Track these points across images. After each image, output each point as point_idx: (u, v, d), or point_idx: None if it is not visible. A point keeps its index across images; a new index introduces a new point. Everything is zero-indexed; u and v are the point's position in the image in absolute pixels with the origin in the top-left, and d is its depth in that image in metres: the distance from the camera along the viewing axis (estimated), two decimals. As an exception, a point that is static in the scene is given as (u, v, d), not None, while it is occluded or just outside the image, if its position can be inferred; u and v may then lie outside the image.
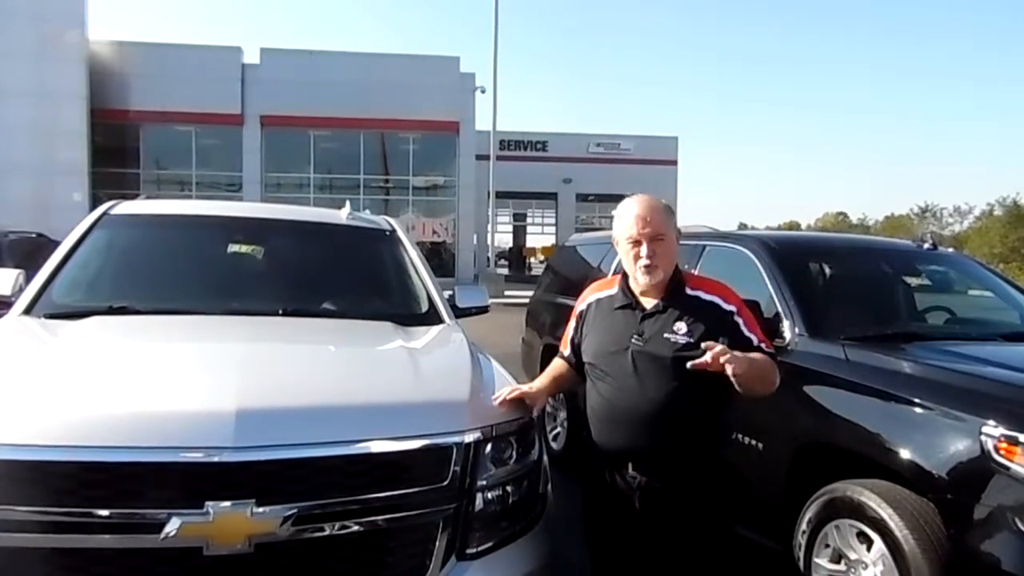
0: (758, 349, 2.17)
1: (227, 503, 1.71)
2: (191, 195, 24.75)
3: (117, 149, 25.30)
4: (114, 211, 3.54)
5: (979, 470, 2.41)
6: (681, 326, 2.14)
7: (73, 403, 1.86)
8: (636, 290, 2.25)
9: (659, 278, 2.18)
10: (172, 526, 1.68)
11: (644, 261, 2.16)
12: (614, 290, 2.33)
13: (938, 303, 4.21)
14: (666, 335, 2.14)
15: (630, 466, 2.17)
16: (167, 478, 1.74)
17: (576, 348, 2.40)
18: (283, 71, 24.91)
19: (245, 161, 25.80)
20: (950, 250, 4.81)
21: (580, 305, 2.44)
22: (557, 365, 2.48)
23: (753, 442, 3.29)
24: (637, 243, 2.17)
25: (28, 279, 3.10)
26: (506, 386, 2.28)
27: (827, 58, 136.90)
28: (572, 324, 2.44)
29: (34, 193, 21.68)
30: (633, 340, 2.17)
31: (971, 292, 4.42)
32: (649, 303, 2.22)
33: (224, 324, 2.86)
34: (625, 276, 2.29)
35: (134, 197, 4.01)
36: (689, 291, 2.23)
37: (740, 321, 2.19)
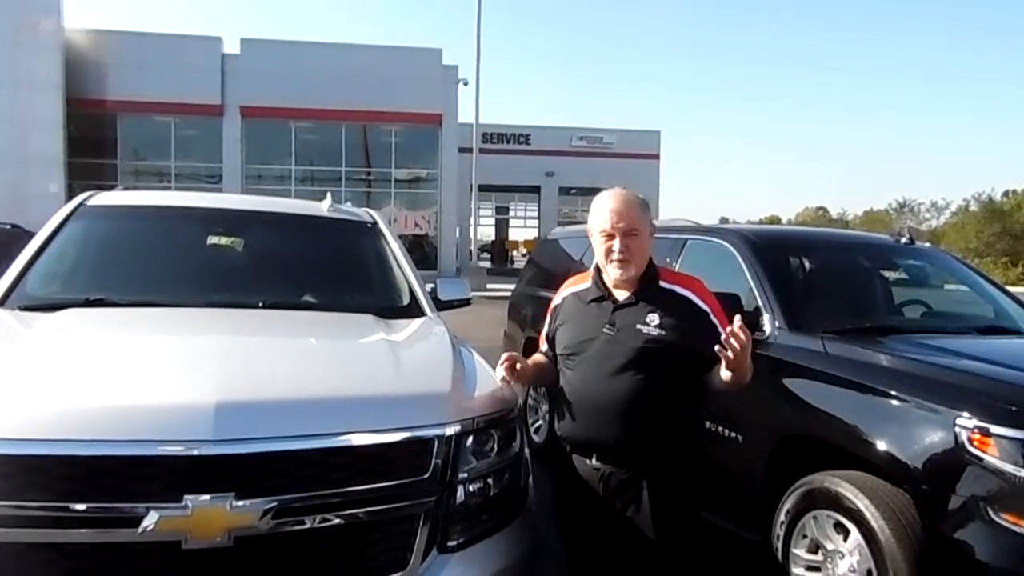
0: None
1: (206, 497, 1.70)
2: (170, 187, 24.49)
3: (94, 139, 24.95)
4: (90, 202, 3.50)
5: (953, 461, 2.45)
6: (654, 318, 2.15)
7: (49, 396, 1.84)
8: (609, 283, 2.26)
9: (631, 273, 2.19)
10: (150, 520, 1.67)
11: (616, 255, 2.17)
12: (588, 283, 2.33)
13: (915, 297, 4.27)
14: (638, 326, 2.15)
15: (595, 456, 2.19)
16: (145, 472, 1.72)
17: (551, 342, 2.40)
18: (264, 61, 24.67)
19: (225, 152, 25.55)
20: (927, 245, 4.87)
21: (555, 300, 2.45)
22: (538, 357, 2.48)
23: (733, 434, 3.32)
24: (610, 237, 2.18)
25: (1, 271, 3.05)
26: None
27: (809, 52, 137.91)
28: (547, 319, 2.46)
29: (9, 184, 21.30)
30: (604, 330, 2.18)
31: (947, 286, 4.49)
32: (622, 295, 2.23)
33: (203, 317, 2.83)
34: (598, 269, 2.30)
35: (111, 188, 3.96)
36: (663, 284, 2.24)
37: (717, 323, 2.18)
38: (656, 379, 2.12)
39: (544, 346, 2.47)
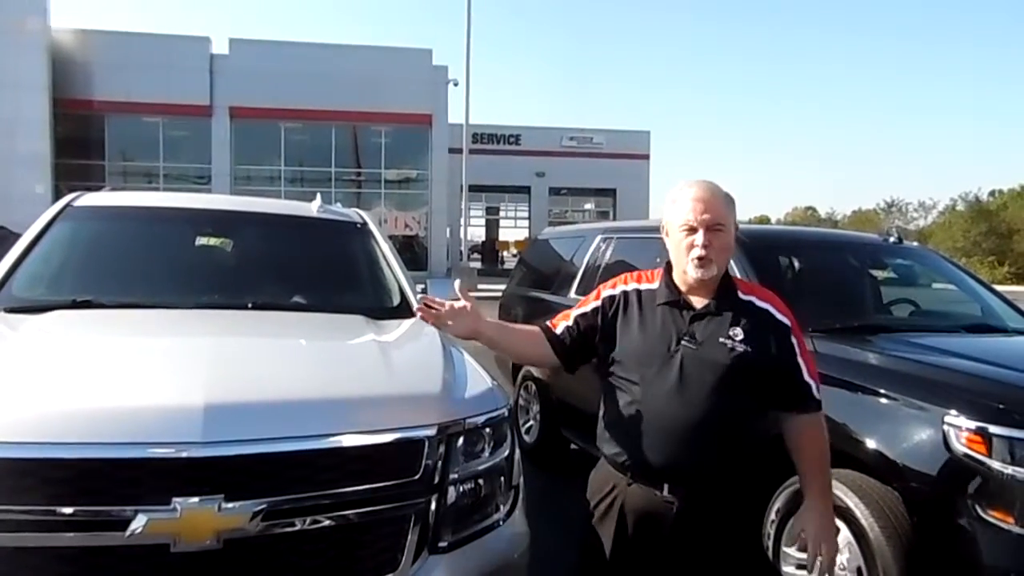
0: (807, 388, 1.93)
1: (195, 499, 1.68)
2: (158, 188, 24.35)
3: (81, 140, 24.78)
4: (77, 203, 3.47)
5: (942, 459, 2.47)
6: (738, 331, 1.88)
7: (35, 399, 1.82)
8: (682, 287, 1.97)
9: (712, 274, 1.90)
10: (138, 523, 1.65)
11: (698, 252, 1.87)
12: (655, 284, 2.02)
13: (903, 296, 4.30)
14: (722, 339, 1.88)
15: (666, 487, 1.89)
16: (133, 474, 1.70)
17: (587, 329, 2.03)
18: (253, 62, 24.58)
19: (214, 153, 25.43)
20: (915, 244, 4.91)
21: (610, 290, 2.06)
22: (526, 329, 2.13)
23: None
24: (692, 231, 1.88)
25: (-12, 273, 3.02)
26: (477, 373, 2.20)
27: (799, 54, 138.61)
28: (592, 304, 2.06)
29: (-6, 185, 21.15)
30: (684, 342, 1.89)
31: (935, 285, 4.52)
32: (699, 303, 1.94)
33: (192, 318, 2.81)
34: (668, 270, 2.01)
35: (98, 189, 3.94)
36: (742, 295, 1.97)
37: (795, 343, 1.95)
38: (743, 398, 1.89)
39: (568, 323, 2.06)
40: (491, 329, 2.06)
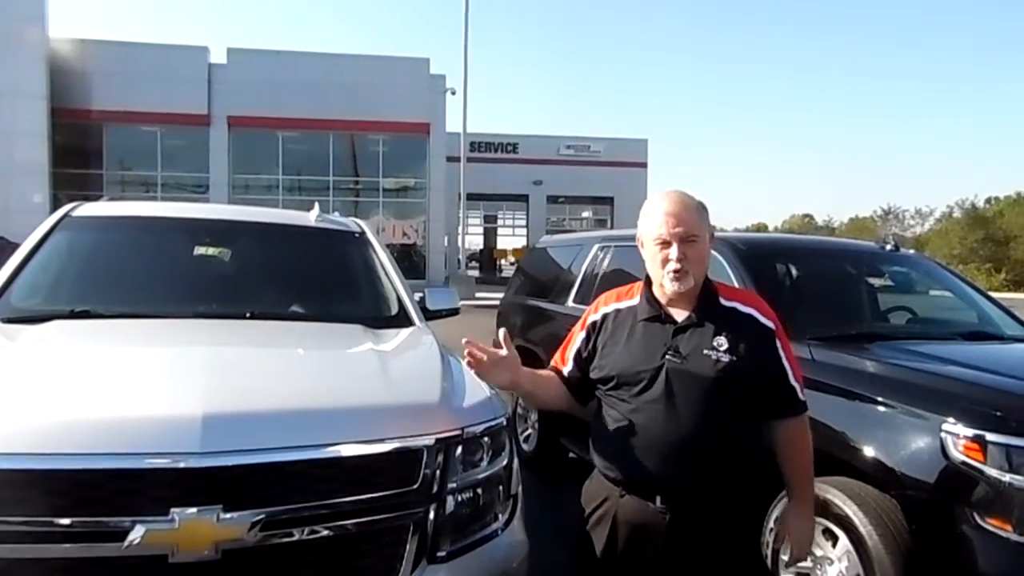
0: (793, 392, 1.97)
1: (193, 509, 1.68)
2: (156, 197, 24.34)
3: (79, 150, 24.80)
4: (76, 213, 3.48)
5: (939, 467, 2.47)
6: (722, 341, 1.89)
7: (33, 409, 1.82)
8: (662, 300, 1.98)
9: (689, 286, 1.91)
10: (136, 534, 1.65)
11: (673, 265, 1.88)
12: (635, 300, 2.03)
13: (900, 303, 4.31)
14: (706, 351, 1.89)
15: (659, 499, 1.90)
16: (131, 485, 1.71)
17: (583, 364, 2.08)
18: (251, 71, 24.65)
19: (212, 162, 25.46)
20: (911, 252, 4.92)
21: (592, 316, 2.11)
22: (550, 376, 2.15)
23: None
24: (666, 244, 1.90)
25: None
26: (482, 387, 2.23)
27: (798, 62, 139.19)
28: (580, 336, 2.11)
29: (-8, 195, 21.14)
30: (668, 357, 1.90)
31: (932, 293, 4.53)
32: (680, 315, 1.95)
33: (190, 328, 2.81)
34: (648, 284, 2.01)
35: (97, 199, 3.94)
36: (724, 302, 1.98)
37: (779, 346, 1.96)
38: (732, 409, 1.89)
39: (568, 367, 2.11)
40: (526, 379, 2.08)
